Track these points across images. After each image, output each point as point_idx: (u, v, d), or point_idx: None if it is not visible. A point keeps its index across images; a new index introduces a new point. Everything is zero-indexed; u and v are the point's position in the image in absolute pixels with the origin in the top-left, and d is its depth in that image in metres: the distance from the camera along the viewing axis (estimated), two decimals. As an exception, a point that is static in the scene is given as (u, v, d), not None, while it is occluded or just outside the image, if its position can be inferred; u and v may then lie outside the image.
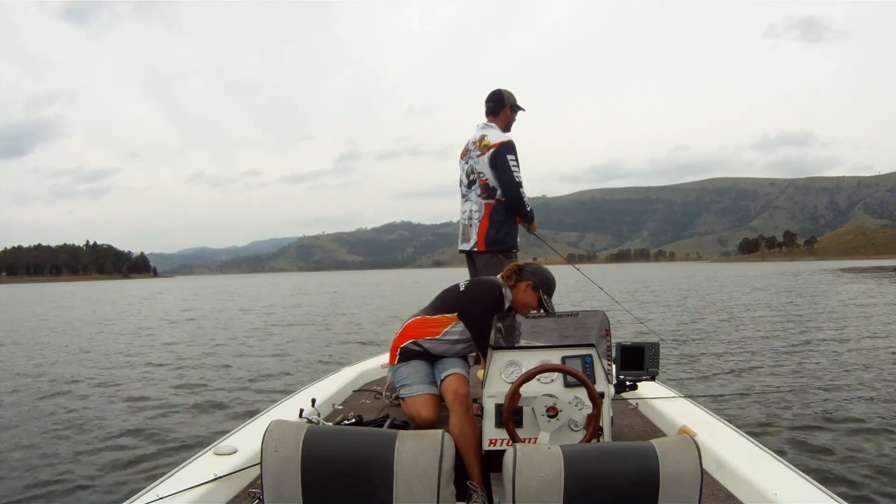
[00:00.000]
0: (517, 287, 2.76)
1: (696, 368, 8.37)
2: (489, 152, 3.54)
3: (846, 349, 9.78)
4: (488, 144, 3.58)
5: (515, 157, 3.53)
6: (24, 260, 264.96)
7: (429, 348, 2.78)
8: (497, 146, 3.53)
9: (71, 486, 4.25)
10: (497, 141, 3.55)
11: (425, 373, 2.75)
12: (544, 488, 1.23)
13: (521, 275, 2.76)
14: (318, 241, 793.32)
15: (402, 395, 2.73)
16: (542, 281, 2.73)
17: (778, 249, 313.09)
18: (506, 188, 3.51)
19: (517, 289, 2.76)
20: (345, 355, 9.91)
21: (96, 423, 5.92)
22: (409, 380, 2.72)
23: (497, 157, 3.51)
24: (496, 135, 3.60)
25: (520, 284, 2.75)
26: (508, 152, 3.51)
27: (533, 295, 2.72)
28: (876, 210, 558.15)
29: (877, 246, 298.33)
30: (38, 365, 10.06)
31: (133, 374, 8.83)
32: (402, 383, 2.74)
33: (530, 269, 2.77)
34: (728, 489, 2.01)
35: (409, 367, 2.76)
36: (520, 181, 3.50)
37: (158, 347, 12.18)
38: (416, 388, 2.68)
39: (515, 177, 3.49)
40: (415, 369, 2.74)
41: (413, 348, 2.78)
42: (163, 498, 1.75)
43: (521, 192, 3.52)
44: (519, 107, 3.76)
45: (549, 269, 2.82)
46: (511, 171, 3.49)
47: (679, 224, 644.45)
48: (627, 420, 2.85)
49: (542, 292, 2.71)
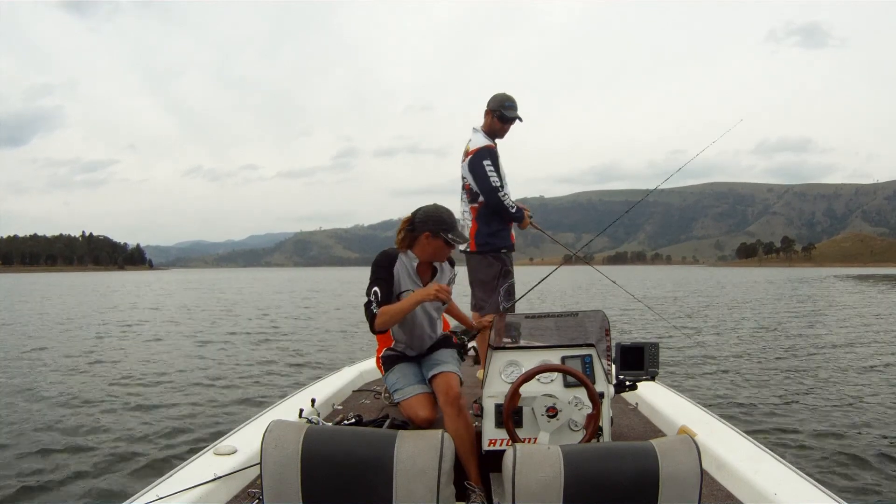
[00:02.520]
0: (418, 243, 2.61)
1: (696, 368, 8.40)
2: (468, 158, 3.55)
3: (847, 351, 9.84)
4: (468, 150, 3.60)
5: (493, 163, 3.50)
6: (19, 249, 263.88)
7: (402, 350, 2.79)
8: (474, 152, 3.53)
9: (70, 486, 4.22)
10: (475, 147, 3.54)
11: (413, 373, 2.74)
12: (544, 488, 1.23)
13: (414, 228, 2.61)
14: (315, 236, 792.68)
15: (397, 400, 2.71)
16: (436, 222, 2.56)
17: (775, 255, 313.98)
18: (484, 194, 3.51)
19: (418, 245, 2.61)
20: (344, 355, 9.90)
21: (96, 423, 5.89)
22: (398, 384, 2.71)
23: (474, 164, 3.50)
24: (477, 140, 3.58)
25: (419, 239, 2.60)
26: (484, 158, 3.48)
27: (436, 241, 2.57)
28: (873, 218, 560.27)
29: (875, 254, 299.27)
30: (34, 364, 10.01)
31: (133, 375, 8.78)
32: (394, 389, 2.73)
33: (420, 219, 2.60)
34: (728, 489, 2.01)
35: (396, 371, 2.75)
36: (496, 186, 3.47)
37: (158, 346, 12.11)
38: (407, 391, 2.66)
39: (492, 182, 3.46)
40: (402, 373, 2.73)
41: (391, 354, 2.80)
42: (163, 498, 1.75)
43: (500, 195, 3.49)
44: (505, 115, 3.58)
45: (436, 205, 2.64)
46: (487, 176, 3.46)
47: (676, 227, 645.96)
48: (627, 420, 2.85)
49: (443, 233, 2.56)
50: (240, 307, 23.39)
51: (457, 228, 2.61)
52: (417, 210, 2.65)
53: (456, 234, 2.58)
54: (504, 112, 3.59)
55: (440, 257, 2.67)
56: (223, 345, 11.90)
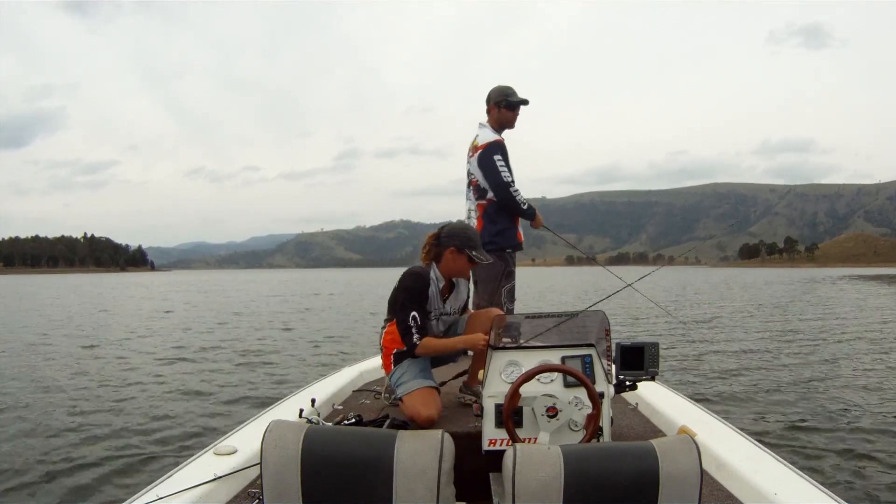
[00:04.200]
0: (443, 259, 2.68)
1: (696, 368, 8.39)
2: (477, 153, 3.51)
3: (848, 352, 9.81)
4: (477, 145, 3.55)
5: (503, 158, 3.45)
6: (20, 251, 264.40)
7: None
8: (484, 147, 3.48)
9: (70, 486, 4.21)
10: (485, 142, 3.50)
11: (421, 368, 2.74)
12: (544, 488, 1.23)
13: (440, 244, 2.68)
14: (317, 238, 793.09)
15: (399, 395, 2.69)
16: (462, 239, 2.65)
17: (778, 255, 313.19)
18: (495, 190, 3.46)
19: (444, 260, 2.69)
20: (345, 355, 9.90)
21: (96, 423, 5.89)
22: (403, 378, 2.70)
23: (484, 159, 3.46)
24: (486, 135, 3.54)
25: (444, 255, 2.67)
26: (495, 153, 3.44)
27: (461, 257, 2.65)
28: (875, 218, 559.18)
29: (878, 254, 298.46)
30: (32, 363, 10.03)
31: (132, 374, 8.80)
32: (398, 384, 2.72)
33: (446, 234, 2.68)
34: (728, 489, 2.00)
35: (404, 366, 2.75)
36: (508, 181, 3.43)
37: (157, 346, 12.14)
38: (411, 384, 2.65)
39: (504, 178, 3.42)
40: (409, 367, 2.73)
41: (405, 352, 2.78)
42: (163, 498, 1.74)
43: (512, 191, 3.45)
44: (512, 101, 3.57)
45: (462, 222, 2.76)
46: (499, 171, 3.42)
47: (678, 228, 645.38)
48: (627, 420, 2.85)
49: (468, 250, 2.64)
50: (240, 308, 23.41)
51: (481, 247, 2.69)
52: (444, 226, 2.77)
53: (480, 252, 2.67)
54: (510, 99, 3.56)
55: (462, 273, 2.74)
56: (223, 345, 11.91)
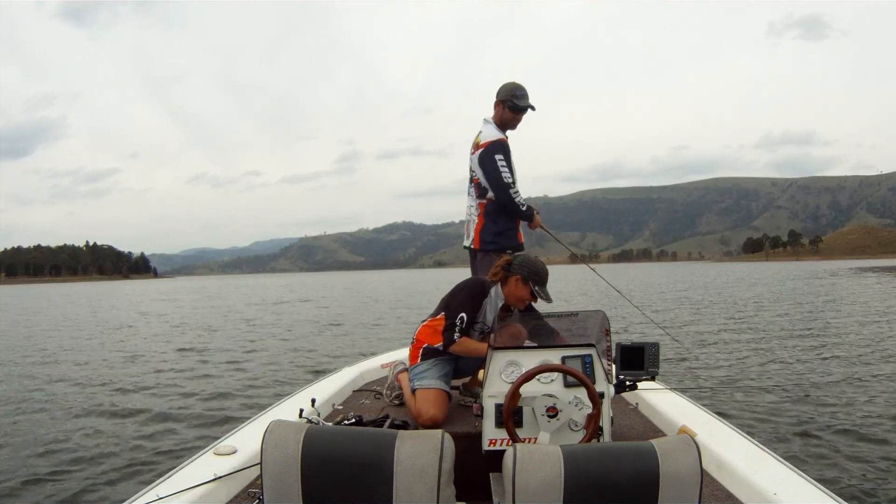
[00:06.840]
0: (508, 282, 2.77)
1: (697, 368, 8.36)
2: (479, 151, 3.40)
3: (849, 351, 9.76)
4: (479, 142, 3.45)
5: (505, 157, 3.35)
6: (23, 260, 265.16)
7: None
8: (486, 145, 3.37)
9: (70, 486, 4.24)
10: (487, 140, 3.39)
11: (443, 372, 2.79)
12: (544, 488, 1.24)
13: (510, 269, 2.77)
14: (320, 241, 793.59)
15: (414, 388, 2.76)
16: (531, 272, 2.73)
17: (782, 249, 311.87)
18: (495, 190, 3.37)
19: (508, 284, 2.77)
20: (345, 355, 9.92)
21: (96, 424, 5.92)
22: (425, 374, 2.76)
23: (485, 157, 3.36)
24: (489, 132, 3.42)
25: (510, 279, 2.76)
26: (496, 152, 3.33)
27: (525, 288, 2.73)
28: (878, 209, 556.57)
29: (883, 245, 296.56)
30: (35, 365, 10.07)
31: (132, 374, 8.83)
32: (418, 377, 2.77)
33: (518, 262, 2.78)
34: (728, 489, 2.01)
35: (428, 363, 2.81)
36: (509, 182, 3.34)
37: (157, 347, 12.17)
38: (429, 382, 2.72)
39: (504, 178, 3.32)
40: (432, 366, 2.79)
41: (436, 349, 2.83)
42: (163, 498, 1.75)
43: (512, 192, 3.36)
44: (517, 105, 3.43)
45: (539, 259, 2.80)
46: (499, 172, 3.32)
47: (681, 224, 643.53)
48: (627, 420, 2.85)
49: (532, 284, 2.72)
50: (241, 309, 23.46)
51: (546, 285, 2.77)
52: (519, 254, 2.96)
53: (543, 290, 2.75)
54: (515, 101, 3.43)
55: (521, 303, 2.79)
56: (224, 345, 11.96)
